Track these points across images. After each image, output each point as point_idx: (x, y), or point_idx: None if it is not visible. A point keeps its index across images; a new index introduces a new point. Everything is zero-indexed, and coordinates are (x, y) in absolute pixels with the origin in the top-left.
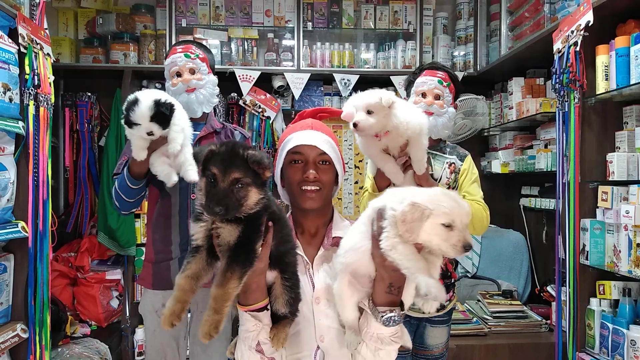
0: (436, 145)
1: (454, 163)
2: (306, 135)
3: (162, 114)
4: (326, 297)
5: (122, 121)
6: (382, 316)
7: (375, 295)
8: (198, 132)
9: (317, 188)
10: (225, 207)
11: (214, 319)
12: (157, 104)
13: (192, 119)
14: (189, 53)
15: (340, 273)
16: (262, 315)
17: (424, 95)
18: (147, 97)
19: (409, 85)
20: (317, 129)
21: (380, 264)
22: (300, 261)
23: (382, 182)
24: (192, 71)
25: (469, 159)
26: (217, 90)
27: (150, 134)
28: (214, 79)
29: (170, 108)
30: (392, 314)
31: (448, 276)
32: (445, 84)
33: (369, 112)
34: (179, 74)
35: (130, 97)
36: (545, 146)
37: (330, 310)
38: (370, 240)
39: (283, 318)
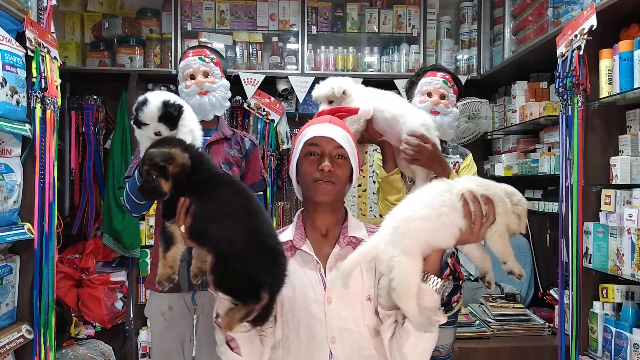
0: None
1: (457, 162)
2: (324, 128)
3: (170, 115)
4: (339, 296)
5: (132, 121)
6: (439, 283)
7: (430, 265)
8: (209, 137)
9: (331, 181)
10: (142, 193)
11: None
12: (166, 104)
13: (203, 124)
14: (203, 56)
15: (414, 251)
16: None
17: (429, 94)
18: (156, 98)
19: (410, 87)
20: (336, 124)
21: (465, 241)
22: (309, 260)
23: (387, 168)
24: (206, 74)
25: (469, 157)
26: (229, 94)
27: (157, 134)
28: (226, 83)
29: (178, 109)
30: (444, 281)
31: (456, 277)
32: (449, 84)
33: (329, 102)
34: (192, 77)
35: (140, 97)
36: (549, 150)
37: (343, 310)
38: (464, 218)
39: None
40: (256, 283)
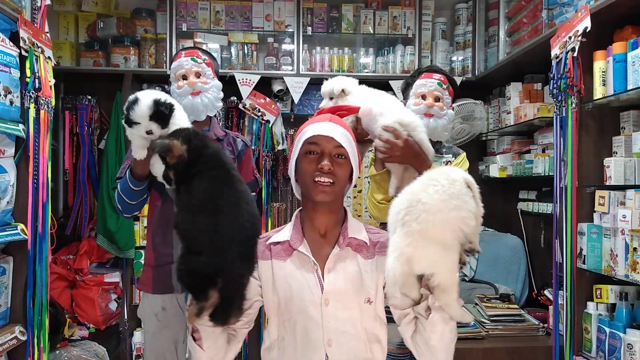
0: (433, 147)
1: (450, 161)
2: (324, 127)
3: (162, 113)
4: (336, 299)
5: (123, 121)
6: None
7: None
8: None
9: (331, 181)
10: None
11: None
12: (157, 103)
13: (195, 124)
14: (195, 57)
15: (455, 243)
16: None
17: (423, 97)
18: (147, 97)
19: (406, 88)
20: (336, 122)
21: None
22: (307, 261)
23: (376, 167)
24: (198, 75)
25: (461, 155)
26: (222, 95)
27: (149, 132)
28: (218, 83)
29: (169, 108)
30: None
31: None
32: (444, 86)
33: (330, 99)
34: (184, 77)
35: (131, 97)
36: (543, 151)
37: (340, 313)
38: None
39: None
40: (206, 281)
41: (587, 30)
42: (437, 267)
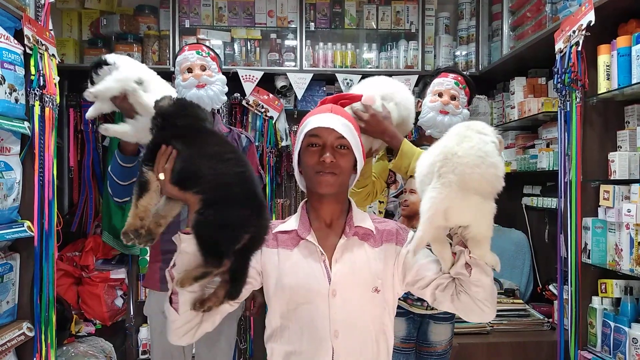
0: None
1: None
2: (325, 118)
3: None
4: (344, 289)
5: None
6: None
7: None
8: None
9: (334, 173)
10: None
11: None
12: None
13: None
14: (200, 51)
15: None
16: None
17: (440, 94)
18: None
19: (424, 88)
20: (337, 113)
21: None
22: (314, 251)
23: None
24: (203, 68)
25: None
26: (227, 89)
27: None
28: (223, 77)
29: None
30: None
31: None
32: (461, 86)
33: None
34: (190, 70)
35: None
36: (547, 145)
37: (347, 304)
38: None
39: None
40: (230, 237)
41: (591, 24)
42: (476, 218)
